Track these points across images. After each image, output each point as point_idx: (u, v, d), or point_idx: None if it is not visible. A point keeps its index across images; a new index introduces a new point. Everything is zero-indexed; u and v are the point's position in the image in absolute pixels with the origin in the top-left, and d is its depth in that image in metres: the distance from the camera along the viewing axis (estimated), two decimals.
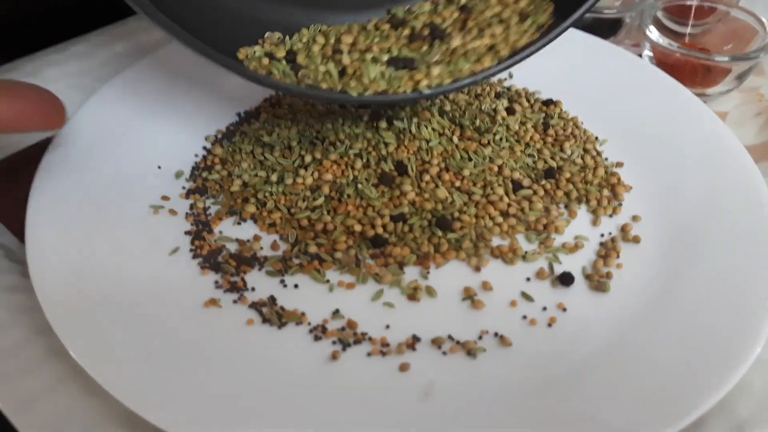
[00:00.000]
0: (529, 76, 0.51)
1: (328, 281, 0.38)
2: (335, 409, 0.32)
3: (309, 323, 0.36)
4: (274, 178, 0.42)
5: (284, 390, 0.33)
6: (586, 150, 0.46)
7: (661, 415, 0.31)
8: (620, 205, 0.43)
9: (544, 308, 0.37)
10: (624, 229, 0.41)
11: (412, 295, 0.37)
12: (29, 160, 0.41)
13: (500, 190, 0.42)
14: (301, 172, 0.42)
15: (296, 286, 0.38)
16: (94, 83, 0.51)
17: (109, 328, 0.34)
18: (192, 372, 0.33)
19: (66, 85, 0.50)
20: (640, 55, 0.54)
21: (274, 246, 0.40)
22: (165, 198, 0.42)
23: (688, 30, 0.57)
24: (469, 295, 0.37)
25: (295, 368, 0.34)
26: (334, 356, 0.34)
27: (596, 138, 0.47)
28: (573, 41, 0.53)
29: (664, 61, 0.52)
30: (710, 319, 0.35)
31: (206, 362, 0.33)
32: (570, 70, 0.51)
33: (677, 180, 0.43)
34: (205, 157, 0.45)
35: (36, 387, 0.34)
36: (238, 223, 0.41)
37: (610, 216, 0.42)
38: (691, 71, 0.51)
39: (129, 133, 0.45)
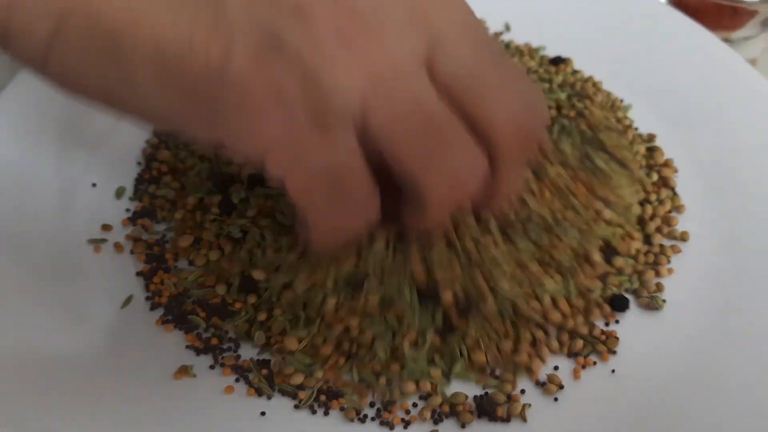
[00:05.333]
0: (529, 28, 0.43)
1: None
2: None
3: (311, 390, 0.28)
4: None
5: None
6: (617, 119, 0.38)
7: None
8: (675, 194, 0.35)
9: (591, 343, 0.30)
10: (669, 223, 0.34)
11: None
12: None
13: None
14: None
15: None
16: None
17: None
18: None
19: None
20: None
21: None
22: (106, 227, 0.33)
23: None
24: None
25: None
26: None
27: (621, 101, 0.39)
28: None
29: (685, 3, 0.44)
30: None
31: None
32: (574, 20, 0.43)
33: (724, 154, 0.36)
34: (149, 166, 0.36)
35: None
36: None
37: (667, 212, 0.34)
38: (717, 13, 0.43)
39: (43, 141, 0.34)
